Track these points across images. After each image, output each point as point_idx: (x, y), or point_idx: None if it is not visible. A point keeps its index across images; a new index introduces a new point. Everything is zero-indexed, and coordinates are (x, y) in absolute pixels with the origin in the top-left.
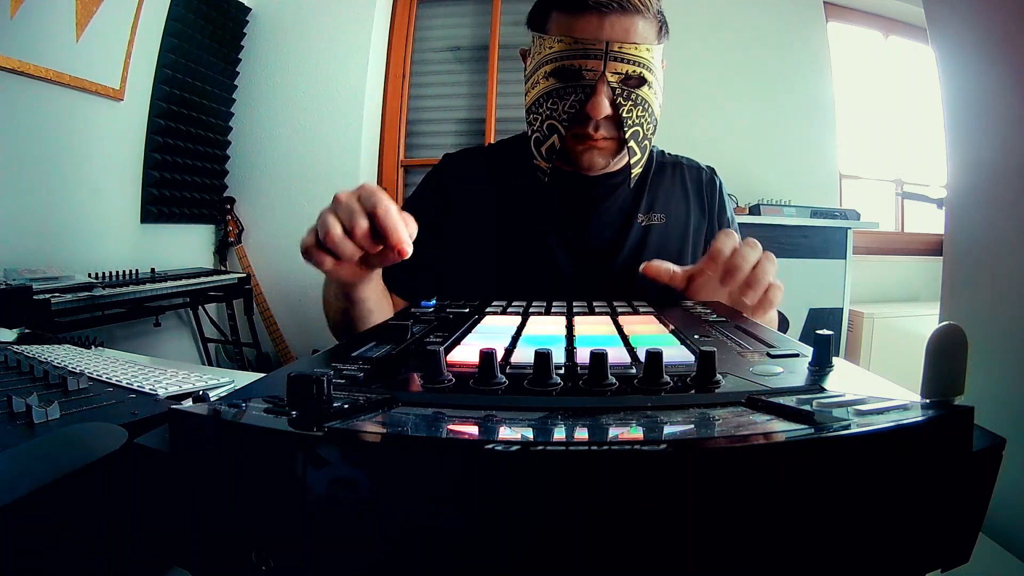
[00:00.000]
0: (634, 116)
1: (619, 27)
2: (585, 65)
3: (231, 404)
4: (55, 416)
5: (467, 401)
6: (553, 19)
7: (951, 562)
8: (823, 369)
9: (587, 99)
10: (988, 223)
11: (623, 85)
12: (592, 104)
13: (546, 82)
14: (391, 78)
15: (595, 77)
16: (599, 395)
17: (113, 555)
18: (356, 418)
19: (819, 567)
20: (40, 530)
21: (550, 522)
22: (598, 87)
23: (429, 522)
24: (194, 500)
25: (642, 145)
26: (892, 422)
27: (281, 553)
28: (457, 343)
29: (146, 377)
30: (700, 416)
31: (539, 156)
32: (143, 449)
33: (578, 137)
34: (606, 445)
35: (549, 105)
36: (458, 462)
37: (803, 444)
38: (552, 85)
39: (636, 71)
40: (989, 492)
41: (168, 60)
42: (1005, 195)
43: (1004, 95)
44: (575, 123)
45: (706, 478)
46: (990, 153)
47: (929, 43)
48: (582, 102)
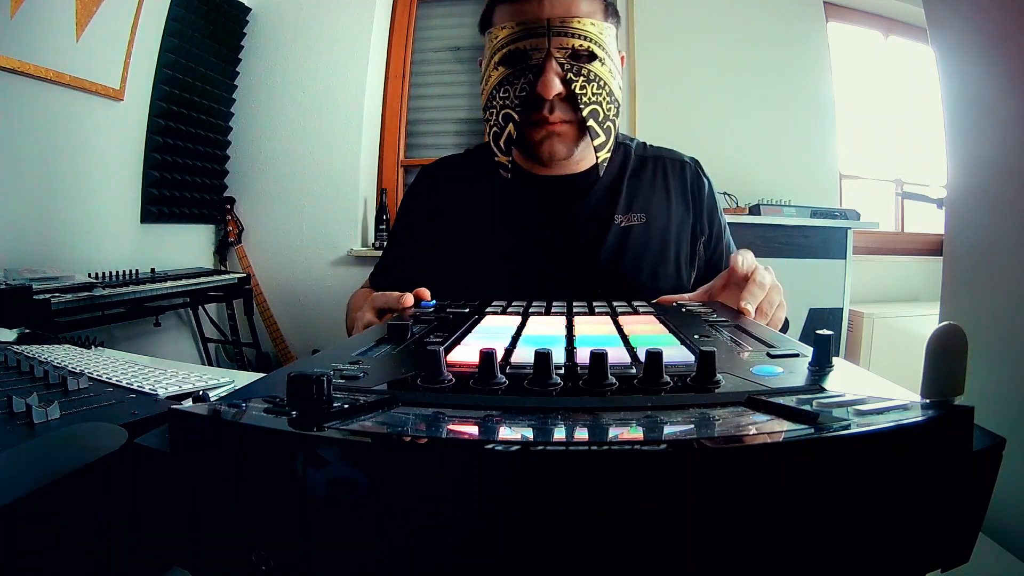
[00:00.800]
0: (588, 93)
1: (560, 5)
2: (530, 45)
3: (231, 404)
4: (55, 416)
5: (467, 401)
6: (497, 12)
7: (951, 562)
8: (823, 369)
9: (536, 79)
10: (988, 223)
11: (572, 61)
12: (542, 83)
13: (496, 72)
14: (391, 78)
15: (541, 56)
16: (599, 395)
17: (113, 555)
18: (356, 418)
19: (819, 567)
20: (40, 530)
21: (550, 522)
22: (546, 65)
23: (429, 522)
24: (194, 500)
25: (604, 127)
26: (892, 422)
27: (281, 553)
28: (457, 343)
29: (146, 377)
30: (700, 416)
31: (498, 151)
32: (143, 449)
33: (534, 124)
34: (606, 445)
35: (501, 95)
36: (458, 462)
37: (803, 444)
38: (502, 73)
39: (583, 45)
40: (989, 492)
41: (168, 60)
42: (1005, 195)
43: (1004, 95)
44: (528, 107)
45: (706, 478)
46: (990, 153)
47: (929, 43)
48: (532, 83)
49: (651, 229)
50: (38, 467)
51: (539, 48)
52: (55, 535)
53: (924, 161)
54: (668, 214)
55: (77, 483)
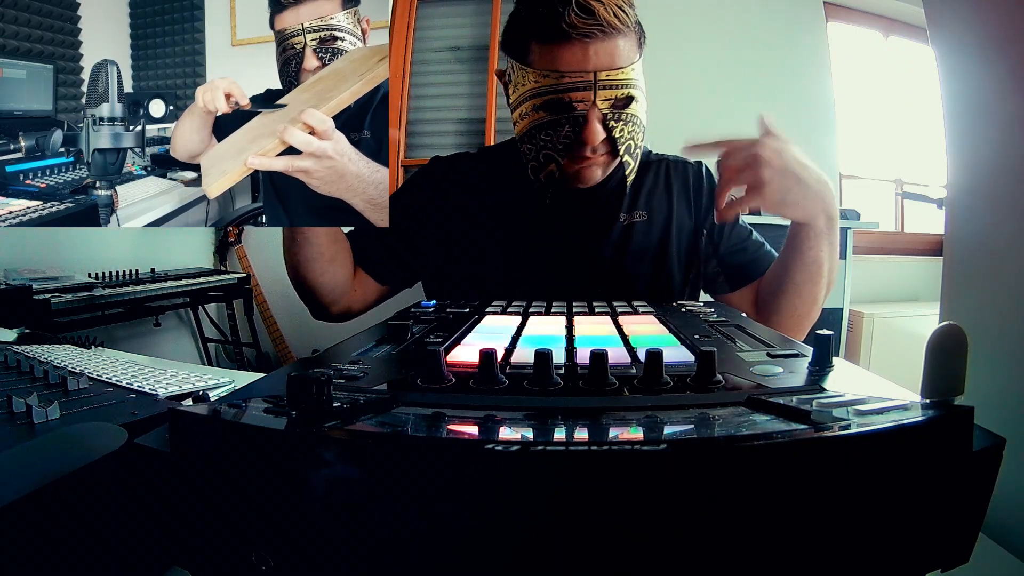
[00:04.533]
0: (625, 133)
1: (604, 53)
2: (575, 97)
3: (231, 404)
4: (55, 416)
5: (467, 401)
6: (534, 50)
7: (951, 562)
8: (823, 369)
9: (581, 128)
10: (988, 223)
11: (613, 109)
12: (587, 133)
13: (536, 115)
14: (391, 78)
15: (586, 107)
16: (599, 395)
17: (113, 555)
18: (356, 418)
19: (820, 567)
20: (40, 530)
21: (550, 522)
22: (590, 116)
23: (429, 522)
24: (194, 500)
25: (634, 155)
26: (892, 422)
27: (281, 553)
28: (457, 343)
29: (146, 377)
30: (700, 416)
31: (539, 181)
32: (143, 449)
33: (576, 160)
34: (606, 445)
35: (543, 137)
36: (458, 463)
37: (803, 444)
38: (543, 118)
39: (624, 93)
40: (989, 492)
41: None
42: (1005, 195)
43: (1004, 95)
44: (572, 151)
45: (706, 478)
46: (990, 153)
47: (929, 43)
48: (576, 133)
49: (652, 226)
50: (38, 467)
51: (584, 100)
52: (55, 535)
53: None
54: (668, 212)
55: (77, 483)
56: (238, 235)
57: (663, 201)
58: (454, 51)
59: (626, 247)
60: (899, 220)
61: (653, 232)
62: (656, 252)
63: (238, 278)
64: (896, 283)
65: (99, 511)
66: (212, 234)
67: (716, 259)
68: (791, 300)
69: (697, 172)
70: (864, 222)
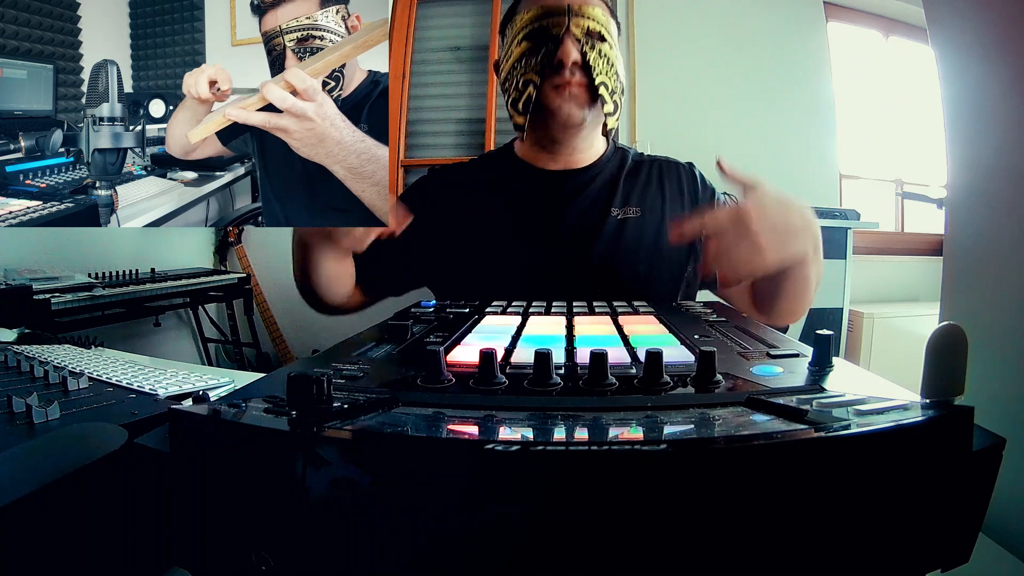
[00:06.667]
0: (600, 66)
1: None
2: (552, 23)
3: (231, 404)
4: (55, 416)
5: (467, 401)
6: (523, 3)
7: (951, 562)
8: (823, 369)
9: (556, 47)
10: (988, 223)
11: (586, 37)
12: (562, 50)
13: (519, 47)
14: (391, 78)
15: (561, 31)
16: (599, 395)
17: (113, 555)
18: (356, 418)
19: (820, 567)
20: (40, 530)
21: (550, 522)
22: (565, 38)
23: (429, 522)
24: (194, 500)
25: (612, 99)
26: (892, 422)
27: (280, 553)
28: (457, 343)
29: (146, 377)
30: (700, 416)
31: (516, 112)
32: (143, 449)
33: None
34: (606, 445)
35: (523, 64)
36: (458, 463)
37: (803, 444)
38: (525, 47)
39: (596, 27)
40: (989, 492)
41: None
42: (1005, 195)
43: (1004, 95)
44: (549, 71)
45: (706, 478)
46: (990, 153)
47: (929, 43)
48: (552, 52)
49: (646, 222)
50: (38, 467)
51: (559, 25)
52: (55, 535)
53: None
54: (662, 209)
55: (77, 483)
56: (238, 235)
57: (656, 199)
58: (454, 51)
59: (619, 242)
60: (899, 220)
61: (647, 228)
62: (650, 248)
63: (238, 278)
64: (896, 283)
65: (99, 511)
66: (212, 234)
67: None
68: (786, 304)
69: (689, 172)
70: (864, 222)
